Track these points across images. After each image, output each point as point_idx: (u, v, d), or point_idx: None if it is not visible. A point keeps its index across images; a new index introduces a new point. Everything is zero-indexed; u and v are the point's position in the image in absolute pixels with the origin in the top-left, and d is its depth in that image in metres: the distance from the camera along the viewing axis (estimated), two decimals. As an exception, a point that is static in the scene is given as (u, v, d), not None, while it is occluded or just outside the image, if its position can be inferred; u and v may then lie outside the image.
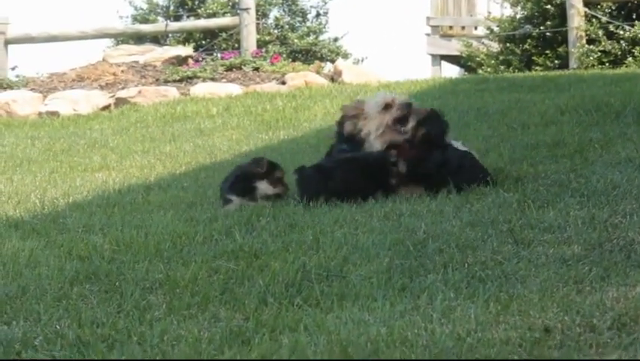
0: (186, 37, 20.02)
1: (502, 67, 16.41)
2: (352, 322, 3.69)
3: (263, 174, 6.40)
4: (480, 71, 16.59)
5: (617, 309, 3.53)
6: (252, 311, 3.95)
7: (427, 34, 20.39)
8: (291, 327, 3.71)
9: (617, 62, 14.94)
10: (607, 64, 14.86)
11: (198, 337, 3.65)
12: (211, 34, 19.40)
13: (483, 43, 18.13)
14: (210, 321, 3.87)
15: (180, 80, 14.67)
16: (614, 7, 15.62)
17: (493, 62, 16.79)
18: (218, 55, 16.84)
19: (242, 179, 6.41)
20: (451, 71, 20.90)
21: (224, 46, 18.95)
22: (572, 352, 3.19)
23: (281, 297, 4.12)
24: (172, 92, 14.07)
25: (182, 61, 15.85)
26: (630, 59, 14.85)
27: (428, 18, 20.32)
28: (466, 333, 3.42)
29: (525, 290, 3.92)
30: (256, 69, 15.10)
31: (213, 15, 20.06)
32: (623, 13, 15.72)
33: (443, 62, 20.62)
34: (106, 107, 13.77)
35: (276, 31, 21.53)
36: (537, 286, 3.96)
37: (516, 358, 3.18)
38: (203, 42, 19.61)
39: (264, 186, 6.37)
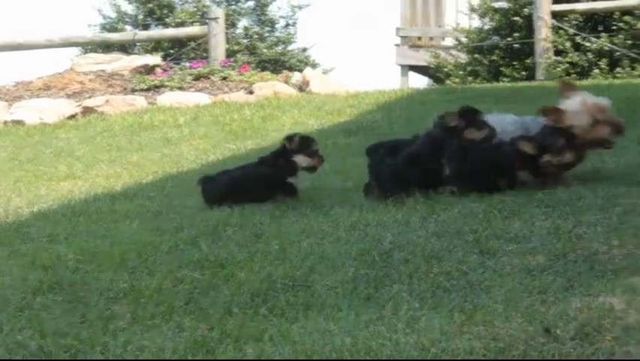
0: (154, 46, 19.97)
1: (469, 78, 16.46)
2: (317, 332, 3.69)
3: (296, 149, 6.60)
4: (448, 82, 16.64)
5: (580, 319, 3.54)
6: (217, 321, 3.94)
7: (397, 45, 20.44)
8: (255, 337, 3.70)
9: (583, 73, 15.03)
10: (574, 75, 14.94)
11: (162, 347, 3.63)
12: (179, 43, 19.36)
13: (451, 54, 18.20)
14: (174, 331, 3.86)
15: (148, 89, 14.63)
16: (580, 19, 15.72)
17: (460, 72, 16.86)
18: (187, 64, 16.80)
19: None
20: (420, 82, 21.00)
21: (192, 55, 18.91)
22: (536, 362, 3.20)
23: (246, 307, 4.11)
24: (139, 101, 14.03)
25: (149, 70, 15.81)
26: (596, 70, 14.95)
27: (397, 29, 20.38)
28: (431, 343, 3.42)
29: (490, 300, 3.93)
30: (224, 79, 15.09)
31: (182, 24, 20.02)
32: (589, 25, 15.82)
33: (412, 73, 20.68)
34: (72, 116, 13.71)
35: (244, 40, 21.50)
36: (502, 296, 3.96)
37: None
38: (172, 51, 19.56)
39: (300, 159, 6.58)
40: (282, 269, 4.62)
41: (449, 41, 19.13)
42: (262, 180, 6.61)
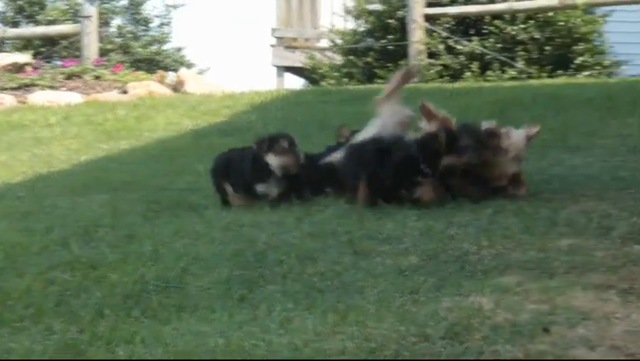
0: (25, 44, 19.58)
1: (344, 79, 16.57)
2: (190, 333, 3.66)
3: (266, 149, 6.15)
4: (323, 83, 16.73)
5: (450, 319, 3.59)
6: (88, 323, 3.88)
7: (272, 46, 20.46)
8: (127, 339, 3.65)
9: (456, 76, 15.28)
10: (446, 78, 15.19)
11: (30, 349, 3.56)
12: (51, 41, 19.02)
13: (326, 55, 18.29)
14: (44, 333, 3.78)
15: (18, 88, 14.36)
16: (453, 23, 15.98)
17: (336, 74, 16.95)
18: (58, 63, 16.53)
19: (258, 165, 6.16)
20: (296, 83, 21.05)
21: (64, 54, 18.60)
22: (407, 361, 3.23)
23: (118, 309, 4.06)
24: (8, 99, 13.76)
25: (19, 68, 15.50)
26: (468, 73, 15.22)
27: (273, 29, 20.39)
28: (304, 344, 3.42)
29: (363, 301, 3.95)
30: (97, 78, 14.90)
31: (53, 22, 19.68)
32: (461, 28, 16.09)
33: (288, 74, 20.71)
34: (-63, 115, 13.34)
35: (118, 39, 21.26)
36: (374, 297, 3.99)
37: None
38: (43, 49, 19.20)
39: (272, 160, 6.14)
40: (154, 270, 4.57)
41: (325, 43, 19.22)
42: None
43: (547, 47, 15.40)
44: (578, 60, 15.31)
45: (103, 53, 17.56)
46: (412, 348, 3.33)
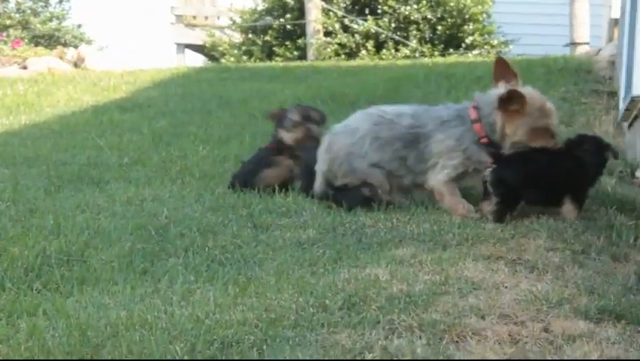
0: None
1: (244, 57, 16.63)
2: (92, 306, 3.69)
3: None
4: (223, 61, 16.76)
5: (347, 290, 3.69)
6: (-10, 296, 3.88)
7: (172, 23, 20.34)
8: (29, 312, 3.67)
9: (352, 54, 15.45)
10: (343, 56, 15.34)
11: None
12: (-54, 15, 18.66)
13: (226, 33, 18.29)
14: (-55, 306, 3.78)
15: None
16: (348, 2, 16.12)
17: (235, 52, 17.00)
18: (-45, 38, 16.22)
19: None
20: (197, 60, 20.98)
21: (-39, 29, 18.29)
22: (305, 331, 3.32)
23: (19, 282, 4.06)
24: None
25: None
26: (364, 51, 15.39)
27: (172, 7, 20.28)
28: (205, 315, 3.48)
29: (262, 273, 4.03)
30: (-4, 53, 14.70)
31: (-51, -3, 19.31)
32: (357, 8, 16.24)
33: (188, 51, 20.63)
34: None
35: (17, 15, 20.94)
36: (274, 269, 4.08)
37: (252, 338, 3.28)
38: (-62, 24, 18.85)
39: None
40: (56, 244, 4.57)
41: (224, 21, 19.20)
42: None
43: (439, 27, 15.66)
44: (468, 40, 15.65)
45: (1, 28, 17.31)
46: (310, 318, 3.42)
